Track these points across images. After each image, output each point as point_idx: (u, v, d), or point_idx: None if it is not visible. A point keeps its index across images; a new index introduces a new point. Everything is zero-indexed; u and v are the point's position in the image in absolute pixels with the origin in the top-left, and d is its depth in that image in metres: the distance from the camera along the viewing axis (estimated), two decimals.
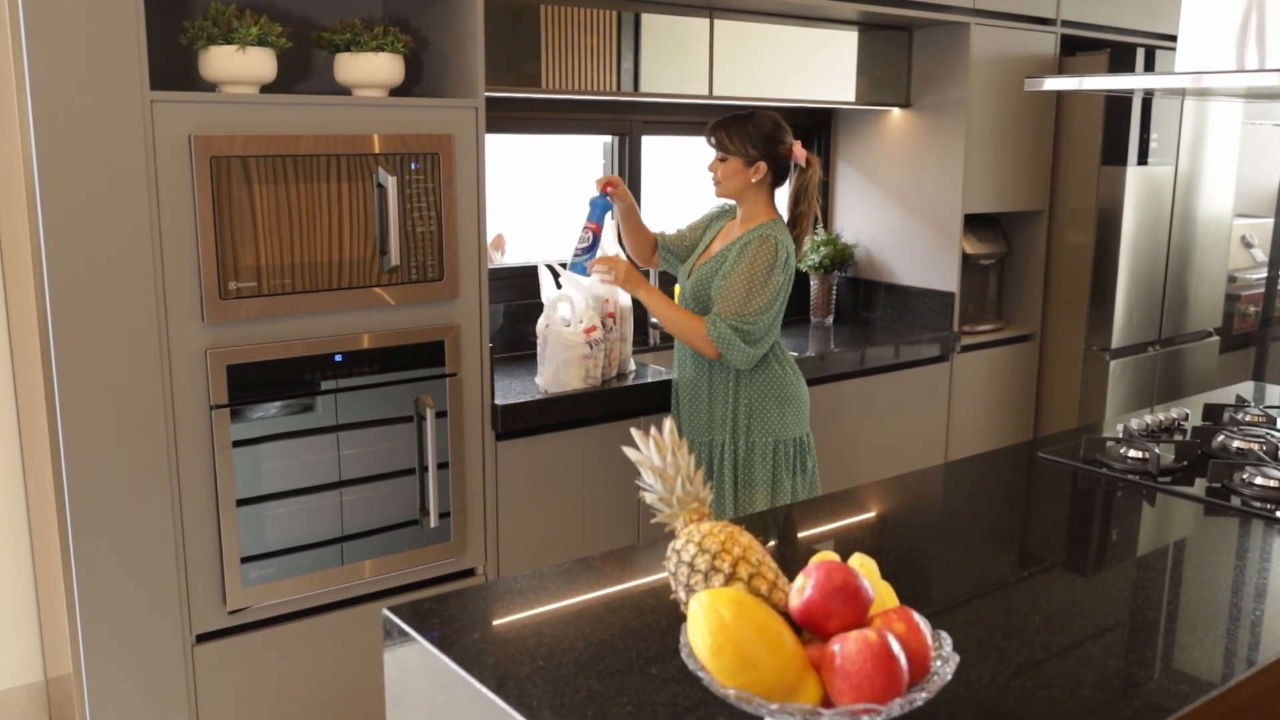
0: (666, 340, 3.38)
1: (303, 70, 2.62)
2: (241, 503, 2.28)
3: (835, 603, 1.09)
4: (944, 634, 1.18)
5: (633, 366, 2.99)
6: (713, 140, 2.65)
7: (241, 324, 2.23)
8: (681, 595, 1.18)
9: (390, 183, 2.34)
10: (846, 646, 1.05)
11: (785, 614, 1.13)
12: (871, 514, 1.98)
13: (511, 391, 2.74)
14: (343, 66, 2.40)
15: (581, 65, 2.90)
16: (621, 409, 2.83)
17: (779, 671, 1.05)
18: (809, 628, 1.11)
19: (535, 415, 2.67)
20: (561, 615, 1.48)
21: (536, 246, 3.38)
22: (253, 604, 2.33)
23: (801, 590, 1.11)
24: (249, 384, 2.25)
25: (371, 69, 2.39)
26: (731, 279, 2.54)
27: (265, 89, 2.31)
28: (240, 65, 2.21)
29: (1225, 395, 2.70)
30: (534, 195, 3.48)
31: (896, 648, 1.05)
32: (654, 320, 3.28)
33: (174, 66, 2.33)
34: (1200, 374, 4.19)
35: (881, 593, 1.19)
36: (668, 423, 1.27)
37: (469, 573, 2.65)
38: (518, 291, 3.20)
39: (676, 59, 3.09)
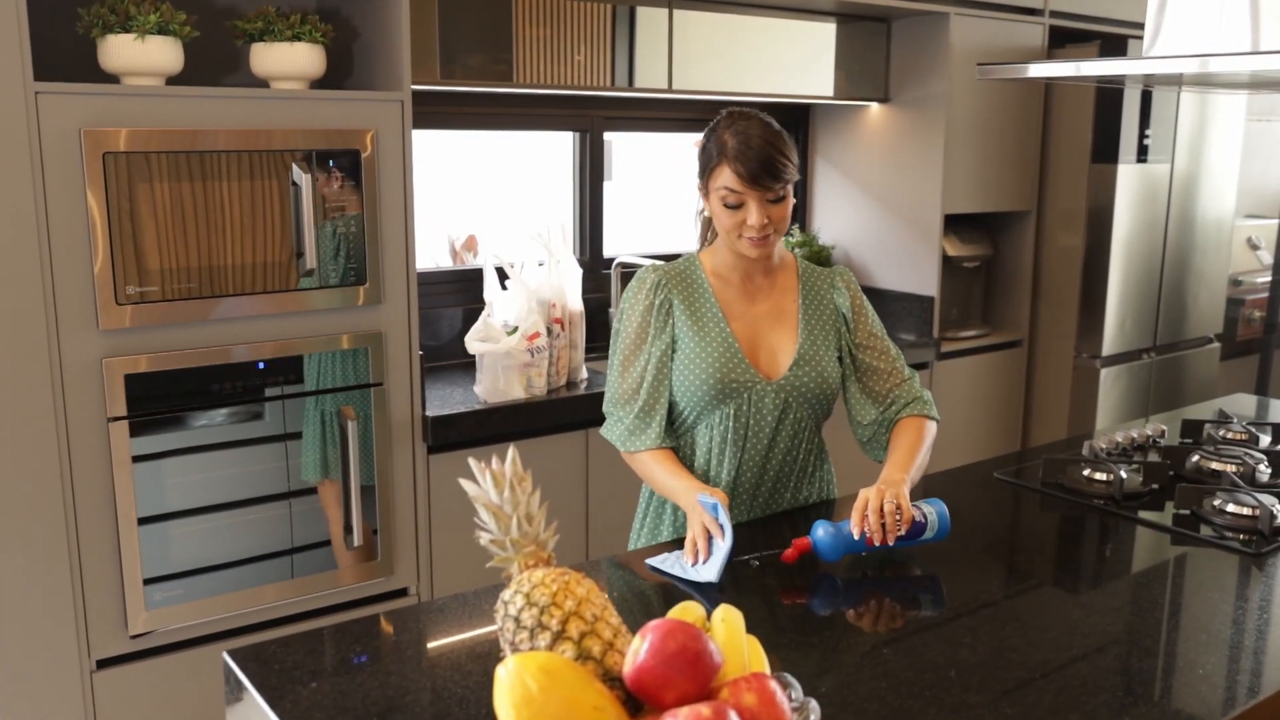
0: None
1: (231, 64, 2.48)
2: (144, 521, 2.14)
3: (672, 670, 0.94)
4: (812, 703, 1.02)
5: (585, 375, 2.83)
6: (772, 174, 1.61)
7: (141, 331, 2.09)
8: (508, 654, 1.02)
9: (305, 181, 2.19)
10: None
11: (621, 680, 0.98)
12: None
13: (451, 401, 2.59)
14: (258, 57, 2.25)
15: (538, 58, 2.75)
16: (569, 420, 2.67)
17: None
18: (644, 698, 0.96)
19: (471, 427, 2.52)
20: (418, 661, 1.33)
21: (512, 246, 3.22)
22: (158, 628, 2.19)
23: (635, 654, 0.96)
24: (151, 395, 2.11)
25: (288, 60, 2.24)
26: (873, 331, 1.87)
27: (174, 81, 2.17)
28: (140, 55, 2.07)
29: (1211, 410, 2.51)
30: (512, 194, 3.33)
31: None
32: None
33: (78, 57, 2.19)
34: (1200, 383, 3.98)
35: (740, 654, 1.03)
36: (511, 452, 1.12)
37: (401, 593, 2.50)
38: (474, 295, 3.05)
39: (634, 50, 2.93)
